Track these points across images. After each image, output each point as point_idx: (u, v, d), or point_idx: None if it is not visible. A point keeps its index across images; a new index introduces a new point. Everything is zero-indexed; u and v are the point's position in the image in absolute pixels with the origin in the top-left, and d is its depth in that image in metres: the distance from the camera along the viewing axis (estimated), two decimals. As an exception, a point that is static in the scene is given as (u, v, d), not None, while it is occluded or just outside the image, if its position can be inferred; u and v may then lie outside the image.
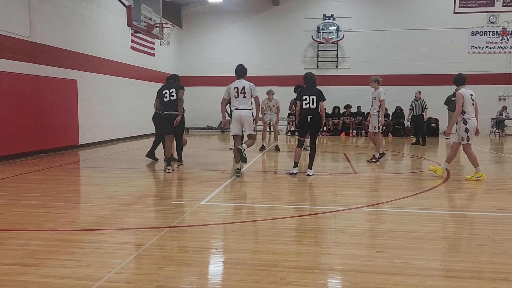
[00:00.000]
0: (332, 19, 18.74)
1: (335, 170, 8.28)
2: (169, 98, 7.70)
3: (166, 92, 7.73)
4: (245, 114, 7.25)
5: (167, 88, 7.79)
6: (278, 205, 5.46)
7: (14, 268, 3.16)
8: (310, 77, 7.47)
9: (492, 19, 17.83)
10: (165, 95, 7.73)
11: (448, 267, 3.23)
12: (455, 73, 7.80)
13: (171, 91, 7.72)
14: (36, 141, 10.10)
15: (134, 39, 15.38)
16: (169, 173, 7.59)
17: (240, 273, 3.08)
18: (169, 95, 7.70)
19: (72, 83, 11.57)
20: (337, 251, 3.60)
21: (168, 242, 3.84)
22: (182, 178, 7.27)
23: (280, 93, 16.66)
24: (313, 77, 7.47)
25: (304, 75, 7.58)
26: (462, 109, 6.97)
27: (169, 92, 7.72)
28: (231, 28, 19.71)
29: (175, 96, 7.68)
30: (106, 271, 3.09)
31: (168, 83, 7.99)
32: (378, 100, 8.81)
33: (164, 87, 7.87)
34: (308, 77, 7.48)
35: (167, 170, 7.65)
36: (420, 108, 13.04)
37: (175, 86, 7.80)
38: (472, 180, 6.93)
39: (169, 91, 7.73)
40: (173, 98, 7.69)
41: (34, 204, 5.28)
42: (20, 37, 9.77)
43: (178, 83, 7.99)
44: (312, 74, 7.53)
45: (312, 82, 7.44)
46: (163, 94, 7.75)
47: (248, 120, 7.28)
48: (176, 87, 7.78)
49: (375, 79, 8.97)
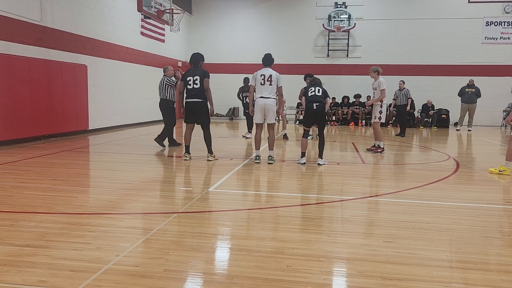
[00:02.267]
0: (343, 7, 18.50)
1: (343, 159, 8.26)
2: (192, 85, 7.30)
3: (190, 79, 7.31)
4: (270, 103, 7.25)
5: (192, 74, 7.34)
6: (286, 193, 5.48)
7: (25, 250, 3.22)
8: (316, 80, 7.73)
9: (508, 9, 17.46)
10: (189, 81, 7.32)
11: (455, 258, 3.23)
12: (468, 64, 7.70)
13: (195, 78, 7.29)
14: (46, 125, 10.19)
15: (144, 25, 15.35)
16: (186, 160, 7.50)
17: (246, 260, 3.11)
18: (193, 83, 7.29)
19: (82, 68, 11.62)
20: (343, 240, 3.61)
21: (176, 227, 3.88)
22: (191, 164, 7.31)
23: (290, 82, 16.62)
24: (318, 80, 7.73)
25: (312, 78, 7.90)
26: None
27: (193, 80, 7.29)
28: (241, 15, 19.57)
29: (199, 84, 7.26)
30: (115, 254, 3.14)
31: (192, 68, 7.46)
32: (379, 90, 8.72)
33: (189, 72, 7.42)
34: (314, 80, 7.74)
35: (185, 157, 7.54)
36: (404, 98, 13.05)
37: (199, 73, 7.33)
38: (495, 173, 6.76)
39: (193, 78, 7.30)
40: (196, 86, 7.27)
41: (45, 187, 5.36)
42: (31, 21, 9.80)
43: (201, 68, 7.47)
44: (318, 79, 7.80)
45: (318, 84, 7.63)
46: (187, 80, 7.35)
47: (272, 109, 7.27)
48: (200, 74, 7.31)
49: (375, 70, 8.84)
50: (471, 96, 15.43)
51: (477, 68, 17.52)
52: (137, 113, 15.13)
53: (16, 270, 2.85)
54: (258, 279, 2.77)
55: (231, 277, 2.80)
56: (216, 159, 7.64)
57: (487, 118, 17.80)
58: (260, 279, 2.78)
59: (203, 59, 7.60)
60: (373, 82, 8.91)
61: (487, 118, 17.80)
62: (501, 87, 17.59)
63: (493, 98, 17.32)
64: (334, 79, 18.74)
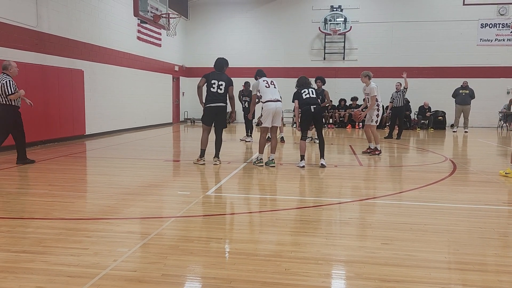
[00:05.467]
0: (339, 10, 18.58)
1: (341, 162, 8.27)
2: (216, 90, 7.33)
3: (215, 83, 7.34)
4: (280, 106, 7.45)
5: (217, 78, 7.38)
6: (283, 196, 5.48)
7: (22, 256, 3.21)
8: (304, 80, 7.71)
9: (502, 11, 17.58)
10: (213, 84, 7.34)
11: (453, 260, 3.24)
12: (464, 66, 7.74)
13: (220, 83, 7.35)
14: (43, 130, 10.17)
15: (140, 30, 15.36)
16: (203, 164, 7.44)
17: (245, 263, 3.10)
18: (217, 87, 7.33)
19: (78, 73, 11.60)
20: (341, 242, 3.61)
21: (173, 231, 3.87)
22: (188, 169, 7.30)
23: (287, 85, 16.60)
24: (306, 80, 7.72)
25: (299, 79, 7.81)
26: None
27: (217, 84, 7.34)
28: (238, 19, 19.62)
29: (223, 90, 7.35)
30: (113, 259, 3.13)
31: (217, 73, 7.49)
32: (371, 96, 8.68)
33: (214, 75, 7.43)
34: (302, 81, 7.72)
35: (203, 161, 7.50)
36: (400, 99, 12.70)
37: (225, 79, 7.41)
38: (502, 175, 6.69)
39: (218, 83, 7.35)
40: (220, 91, 7.34)
41: (42, 193, 5.34)
42: (27, 27, 9.79)
43: (226, 75, 7.54)
44: (304, 78, 7.76)
45: (306, 85, 7.63)
46: (212, 83, 7.35)
47: (280, 113, 7.53)
48: (226, 80, 7.40)
49: (365, 74, 8.77)
50: (465, 98, 15.51)
51: (473, 70, 17.61)
52: (134, 117, 15.11)
53: (13, 276, 2.84)
54: (257, 283, 2.77)
55: (229, 281, 2.80)
56: (220, 163, 7.65)
57: (484, 119, 17.88)
58: (259, 282, 2.77)
59: (228, 64, 7.70)
60: (365, 87, 8.91)
61: (484, 119, 17.88)
62: (497, 88, 17.68)
63: (489, 99, 17.41)
64: (330, 82, 18.72)
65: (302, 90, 7.49)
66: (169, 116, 18.53)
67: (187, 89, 20.16)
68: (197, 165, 7.45)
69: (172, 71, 18.66)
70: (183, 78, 20.03)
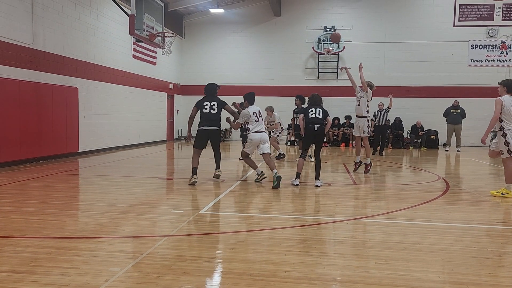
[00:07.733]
0: (333, 31, 18.85)
1: (334, 180, 8.27)
2: (209, 110, 7.45)
3: (207, 104, 7.49)
4: (265, 135, 7.79)
5: (209, 100, 7.55)
6: (278, 215, 5.45)
7: (12, 276, 3.15)
8: (315, 98, 7.67)
9: (492, 32, 17.96)
10: (205, 106, 7.49)
11: (447, 279, 3.22)
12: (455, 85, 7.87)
13: (213, 104, 7.50)
14: (36, 148, 10.10)
15: (135, 48, 15.45)
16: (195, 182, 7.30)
17: (238, 283, 3.07)
18: (210, 108, 7.46)
19: (73, 91, 11.61)
20: (336, 262, 3.59)
21: (166, 251, 3.83)
22: (182, 187, 7.26)
23: (281, 104, 16.80)
24: (318, 98, 7.68)
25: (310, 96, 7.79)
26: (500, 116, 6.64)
27: (210, 105, 7.48)
28: (232, 38, 19.83)
29: (216, 110, 7.47)
30: (104, 279, 3.08)
31: (209, 96, 7.65)
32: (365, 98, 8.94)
33: (205, 99, 7.60)
34: (313, 99, 7.68)
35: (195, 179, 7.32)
36: (384, 118, 13.95)
37: (216, 100, 7.58)
38: (498, 196, 6.60)
39: (210, 104, 7.50)
40: (213, 111, 7.45)
41: (33, 211, 5.27)
42: (23, 44, 9.83)
43: (218, 97, 7.69)
44: (317, 96, 7.73)
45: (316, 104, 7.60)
46: (204, 105, 7.51)
47: (267, 140, 7.79)
48: (218, 101, 7.56)
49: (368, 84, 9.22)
50: (456, 117, 15.83)
51: (464, 90, 17.87)
52: (128, 135, 15.07)
53: (2, 296, 2.78)
54: (250, 303, 2.73)
55: (222, 302, 2.76)
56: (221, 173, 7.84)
57: (475, 138, 17.92)
58: (252, 303, 2.74)
59: (219, 87, 7.90)
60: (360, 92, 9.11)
61: (475, 138, 17.92)
62: (488, 108, 17.72)
63: (480, 119, 17.56)
64: (324, 100, 18.83)
65: (310, 109, 7.46)
66: (163, 133, 18.52)
67: (182, 107, 20.22)
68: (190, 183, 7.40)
69: (166, 89, 18.73)
70: (178, 96, 20.11)
